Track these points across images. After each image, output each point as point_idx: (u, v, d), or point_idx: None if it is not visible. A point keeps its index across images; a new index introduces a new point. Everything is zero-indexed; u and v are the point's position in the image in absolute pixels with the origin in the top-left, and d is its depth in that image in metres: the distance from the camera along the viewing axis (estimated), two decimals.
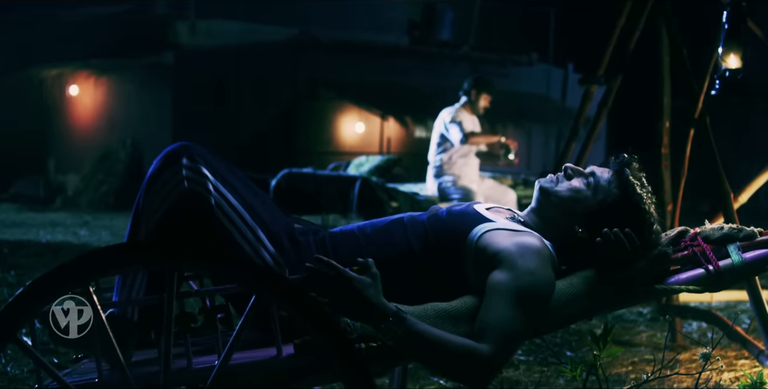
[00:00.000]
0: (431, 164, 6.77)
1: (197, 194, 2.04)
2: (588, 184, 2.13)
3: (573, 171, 2.17)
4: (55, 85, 14.61)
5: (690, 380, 3.19)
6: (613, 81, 4.49)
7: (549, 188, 2.16)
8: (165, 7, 15.44)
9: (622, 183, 2.11)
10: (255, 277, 1.76)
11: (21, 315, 1.70)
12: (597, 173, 2.15)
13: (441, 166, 6.66)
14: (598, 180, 2.13)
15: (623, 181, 2.11)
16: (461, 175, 6.62)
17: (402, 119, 13.84)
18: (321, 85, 13.91)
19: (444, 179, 6.66)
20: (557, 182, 2.16)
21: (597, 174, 2.15)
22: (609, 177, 2.13)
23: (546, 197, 2.16)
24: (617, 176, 2.12)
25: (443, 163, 6.64)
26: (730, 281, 2.10)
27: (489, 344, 1.88)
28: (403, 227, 2.14)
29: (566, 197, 2.13)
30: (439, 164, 6.67)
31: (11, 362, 3.50)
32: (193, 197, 2.03)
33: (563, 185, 2.15)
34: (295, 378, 1.91)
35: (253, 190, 2.20)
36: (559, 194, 2.14)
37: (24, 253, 7.12)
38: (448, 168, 6.63)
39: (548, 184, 2.17)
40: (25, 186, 13.88)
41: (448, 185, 6.65)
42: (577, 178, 2.16)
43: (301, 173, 9.16)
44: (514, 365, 3.75)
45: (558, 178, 2.18)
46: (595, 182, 2.13)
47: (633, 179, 2.11)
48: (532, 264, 1.97)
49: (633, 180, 2.11)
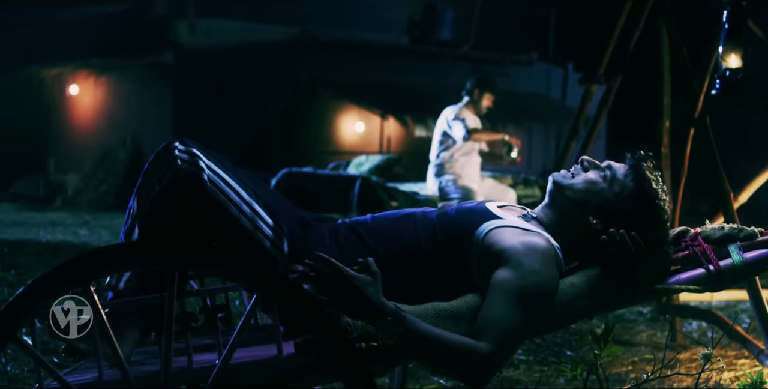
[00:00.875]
0: (432, 162, 6.76)
1: (190, 172, 2.04)
2: (604, 177, 2.13)
3: (589, 164, 2.16)
4: (55, 84, 14.61)
5: (690, 379, 3.19)
6: (613, 80, 4.50)
7: (563, 181, 2.15)
8: (165, 6, 15.45)
9: (639, 177, 2.10)
10: (255, 276, 1.76)
11: (21, 315, 1.70)
12: (614, 167, 2.14)
13: (442, 164, 6.65)
14: (614, 173, 2.12)
15: (640, 175, 2.10)
16: (462, 174, 6.61)
17: (402, 118, 13.84)
18: (321, 84, 13.91)
19: (444, 178, 6.65)
20: (572, 176, 2.16)
21: (614, 167, 2.14)
22: (625, 171, 2.13)
23: (560, 190, 2.14)
24: (633, 170, 2.11)
25: (445, 161, 6.63)
26: (730, 281, 2.10)
27: (489, 343, 1.88)
28: (414, 223, 2.13)
29: (582, 188, 2.12)
30: (440, 162, 6.66)
31: (11, 361, 3.50)
32: (186, 175, 2.04)
33: (579, 177, 2.14)
34: (295, 378, 1.91)
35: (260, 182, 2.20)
36: (574, 186, 2.13)
37: (24, 252, 7.12)
38: (449, 167, 6.62)
39: (562, 177, 2.16)
40: (25, 186, 13.88)
41: (448, 184, 6.64)
42: (593, 170, 2.15)
43: (301, 172, 9.16)
44: (514, 364, 3.75)
45: (573, 171, 2.17)
46: (611, 175, 2.12)
47: (649, 174, 2.10)
48: (537, 264, 1.96)
49: (649, 175, 2.10)
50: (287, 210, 2.19)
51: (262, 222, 2.08)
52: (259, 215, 2.08)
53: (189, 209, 2.04)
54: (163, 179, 2.04)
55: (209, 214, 2.05)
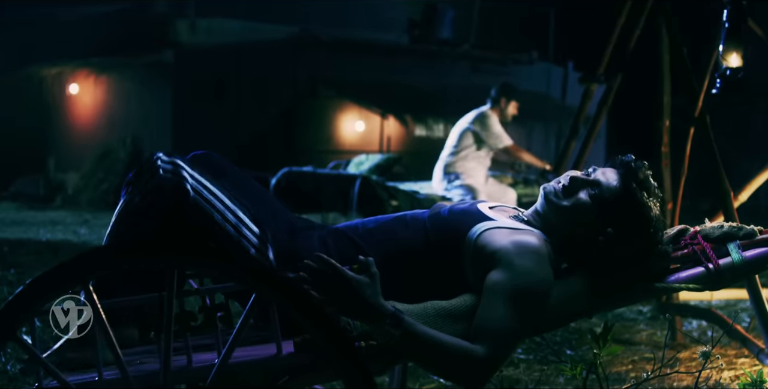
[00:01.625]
0: (442, 161, 6.76)
1: (173, 182, 2.03)
2: (592, 196, 2.09)
3: (579, 183, 2.12)
4: (55, 83, 14.61)
5: (690, 378, 3.19)
6: (613, 80, 4.50)
7: (553, 199, 2.12)
8: (165, 5, 15.44)
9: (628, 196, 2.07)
10: (255, 275, 1.76)
11: (21, 314, 1.70)
12: (602, 184, 2.10)
13: (453, 164, 6.66)
14: (602, 192, 2.09)
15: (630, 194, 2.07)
16: (471, 175, 6.63)
17: (402, 117, 13.83)
18: (321, 83, 13.90)
19: (452, 177, 6.67)
20: (562, 196, 2.12)
21: (602, 185, 2.10)
22: (614, 189, 2.09)
23: (550, 206, 2.13)
24: (623, 186, 2.08)
25: (456, 161, 6.64)
26: (730, 280, 2.10)
27: (486, 344, 1.88)
28: (405, 224, 2.13)
29: (570, 208, 2.10)
30: (451, 162, 6.67)
31: (11, 360, 3.49)
32: (170, 184, 2.03)
33: (568, 199, 2.11)
34: (295, 377, 1.91)
35: (252, 188, 2.19)
36: (562, 206, 2.11)
37: (24, 251, 7.11)
38: (459, 167, 6.64)
39: (553, 197, 2.13)
40: (25, 185, 13.88)
41: (455, 183, 6.66)
42: (582, 191, 2.11)
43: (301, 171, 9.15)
44: (514, 363, 3.75)
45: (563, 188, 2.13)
46: (599, 194, 2.09)
47: (638, 188, 2.07)
48: (529, 263, 1.96)
49: (639, 192, 2.07)
50: (277, 215, 2.18)
51: (247, 230, 2.07)
52: (244, 223, 2.07)
53: (173, 218, 2.03)
54: (147, 188, 2.04)
55: (194, 223, 2.04)
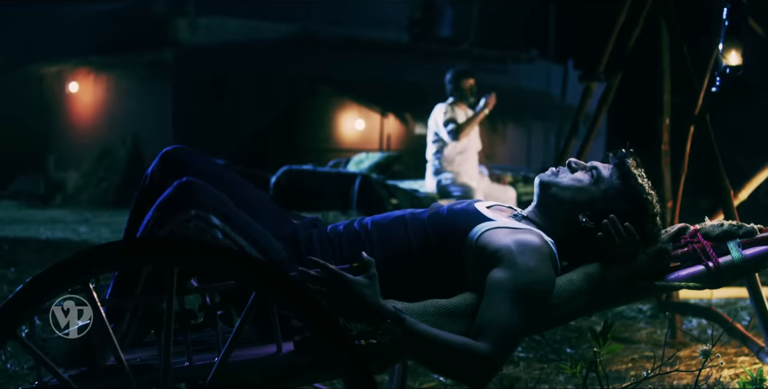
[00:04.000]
0: (429, 161, 6.76)
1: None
2: (591, 175, 2.15)
3: (576, 164, 2.19)
4: (55, 82, 14.62)
5: (690, 377, 3.19)
6: (613, 78, 4.49)
7: (550, 180, 2.17)
8: (165, 4, 15.43)
9: (624, 174, 2.13)
10: (255, 274, 1.76)
11: (21, 312, 1.70)
12: (599, 167, 2.17)
13: (439, 163, 6.65)
14: (600, 172, 2.15)
15: (624, 172, 2.13)
16: (460, 172, 6.60)
17: (402, 115, 13.84)
18: (321, 82, 13.90)
19: (443, 176, 6.65)
20: (558, 174, 2.17)
21: (599, 167, 2.17)
22: (610, 169, 2.16)
23: (547, 189, 2.16)
24: (618, 168, 2.14)
25: (441, 160, 6.63)
26: (730, 278, 2.10)
27: (487, 343, 1.88)
28: (404, 224, 2.13)
29: (568, 185, 2.14)
30: (436, 161, 6.66)
31: (11, 359, 3.50)
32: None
33: (566, 176, 2.16)
34: (294, 375, 1.91)
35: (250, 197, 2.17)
36: (560, 184, 2.15)
37: (24, 250, 7.11)
38: (446, 165, 6.62)
39: (548, 176, 2.18)
40: (25, 183, 13.89)
41: (447, 182, 6.63)
42: (580, 171, 2.17)
43: (301, 170, 9.15)
44: (513, 362, 3.75)
45: (559, 170, 2.19)
46: (597, 174, 2.14)
47: (634, 170, 2.13)
48: (531, 262, 1.96)
49: (634, 171, 2.13)
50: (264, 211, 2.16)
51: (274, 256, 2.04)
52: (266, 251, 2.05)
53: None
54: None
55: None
